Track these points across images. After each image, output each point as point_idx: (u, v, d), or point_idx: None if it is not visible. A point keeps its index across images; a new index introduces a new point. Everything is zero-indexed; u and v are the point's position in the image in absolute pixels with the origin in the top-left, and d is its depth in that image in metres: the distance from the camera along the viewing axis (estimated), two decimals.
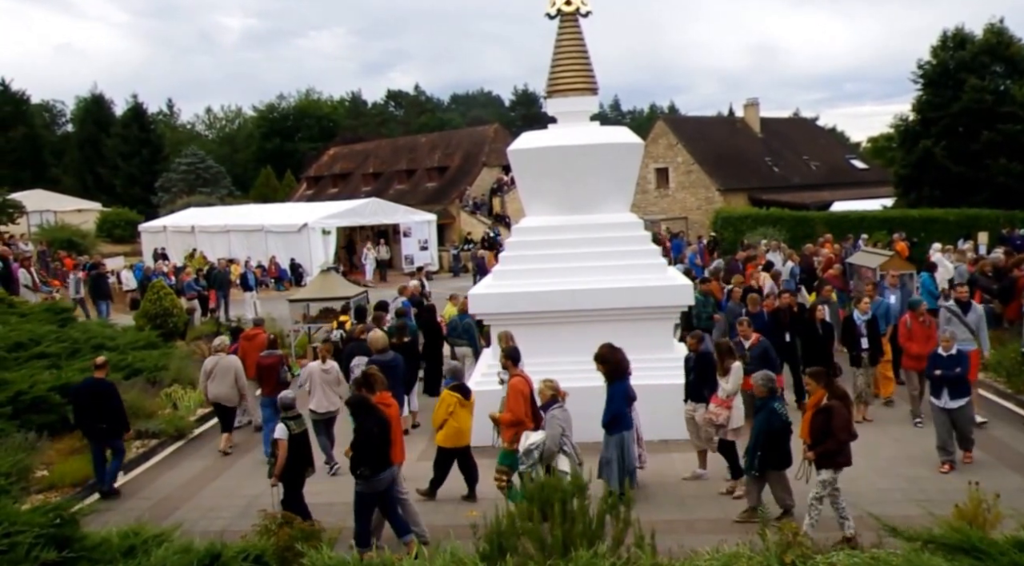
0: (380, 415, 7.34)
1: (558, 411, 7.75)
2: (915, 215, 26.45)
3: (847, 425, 7.28)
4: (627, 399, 8.41)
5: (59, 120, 68.57)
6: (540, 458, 7.45)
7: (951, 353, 8.87)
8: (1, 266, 18.65)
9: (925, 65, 29.26)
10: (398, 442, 7.64)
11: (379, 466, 7.17)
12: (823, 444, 7.24)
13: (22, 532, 4.19)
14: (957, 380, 8.75)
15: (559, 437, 7.51)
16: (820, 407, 7.41)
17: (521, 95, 73.37)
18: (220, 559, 5.16)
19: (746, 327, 10.19)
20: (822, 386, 7.48)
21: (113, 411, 9.41)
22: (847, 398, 7.65)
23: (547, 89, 11.49)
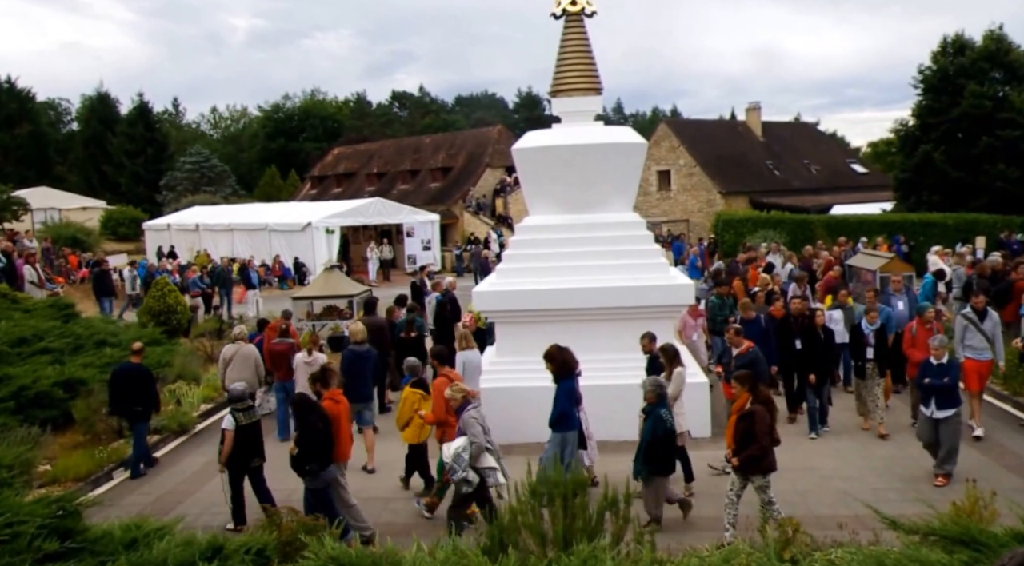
0: (323, 412, 7.46)
1: (473, 411, 7.73)
2: (914, 219, 26.58)
3: (769, 430, 7.29)
4: (573, 399, 8.37)
5: (64, 118, 68.69)
6: (470, 460, 7.51)
7: (941, 362, 8.59)
8: (5, 262, 18.70)
9: (925, 70, 29.42)
10: (344, 439, 7.72)
11: (326, 461, 7.30)
12: (746, 449, 7.23)
13: (24, 522, 4.23)
14: (945, 390, 8.48)
15: (481, 435, 7.55)
16: (743, 412, 7.43)
17: (525, 97, 73.42)
18: (222, 552, 5.18)
19: (734, 334, 9.78)
20: (747, 390, 7.50)
21: (148, 394, 10.09)
22: (771, 403, 7.64)
23: (552, 88, 11.54)
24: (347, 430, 7.82)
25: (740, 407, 7.52)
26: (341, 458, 7.66)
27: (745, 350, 9.54)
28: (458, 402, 7.85)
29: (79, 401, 11.30)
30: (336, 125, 64.27)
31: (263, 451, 8.27)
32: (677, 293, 10.78)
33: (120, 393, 9.92)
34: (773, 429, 7.43)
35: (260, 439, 8.20)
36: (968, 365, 10.01)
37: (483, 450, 7.54)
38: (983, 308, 10.15)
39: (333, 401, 7.68)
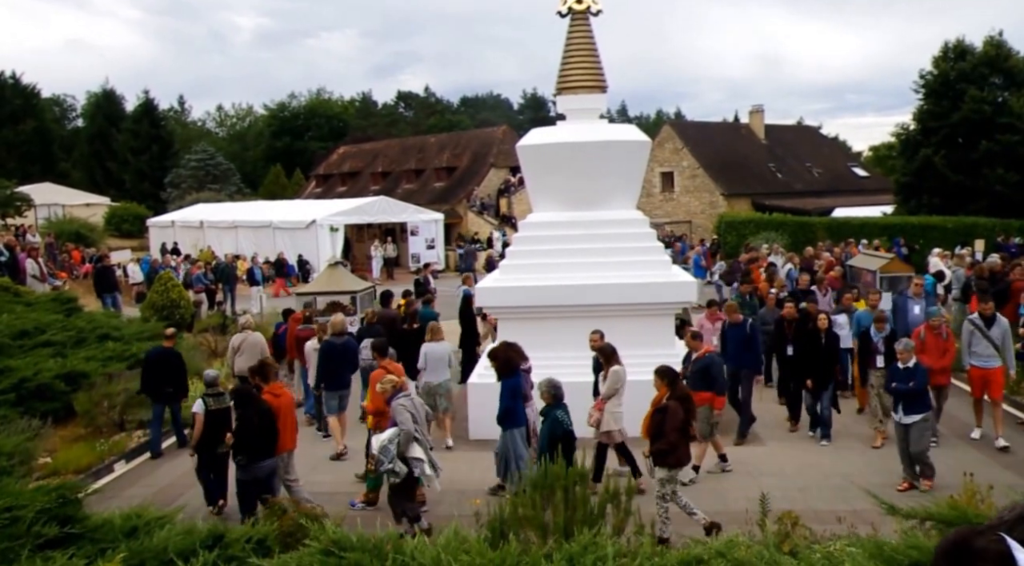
0: (262, 406, 7.54)
1: (403, 400, 7.73)
2: (914, 222, 26.73)
3: (680, 425, 7.35)
4: (518, 396, 8.39)
5: (69, 114, 68.85)
6: (398, 451, 7.54)
7: (908, 366, 8.37)
8: (8, 256, 18.77)
9: (926, 75, 29.65)
10: (287, 431, 7.83)
11: (258, 455, 7.38)
12: (656, 443, 7.32)
13: (24, 506, 4.23)
14: (911, 395, 8.29)
15: (410, 423, 7.55)
16: (659, 406, 7.51)
17: (530, 99, 73.51)
18: (223, 541, 5.18)
19: (691, 338, 9.38)
20: (665, 385, 7.57)
21: (178, 377, 10.52)
22: (688, 400, 7.70)
23: (557, 86, 11.55)
24: (290, 422, 7.95)
25: (658, 401, 7.64)
26: (284, 448, 7.82)
27: (702, 354, 9.17)
28: (388, 393, 7.90)
29: (80, 394, 11.31)
30: (341, 125, 64.34)
31: None
32: (679, 290, 10.79)
33: (152, 375, 10.34)
34: (688, 425, 7.54)
35: (229, 425, 8.34)
36: (973, 373, 9.74)
37: (411, 439, 7.52)
38: (992, 314, 9.76)
39: (273, 395, 7.80)
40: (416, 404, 7.86)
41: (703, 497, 8.40)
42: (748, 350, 10.16)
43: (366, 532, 3.52)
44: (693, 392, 8.78)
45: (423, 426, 7.79)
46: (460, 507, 7.95)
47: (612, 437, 8.61)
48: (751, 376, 10.26)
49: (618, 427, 8.65)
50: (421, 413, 7.84)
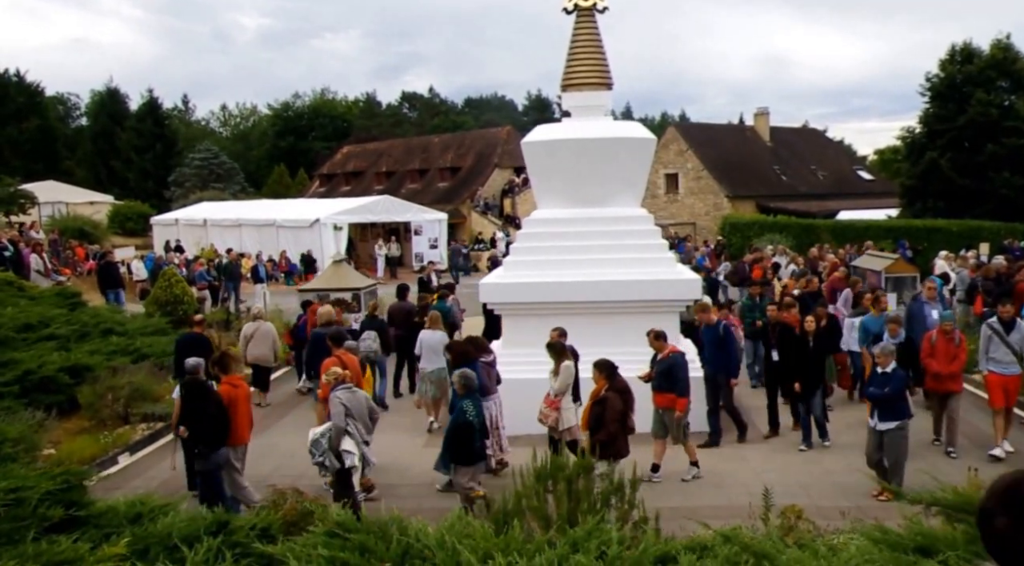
0: (214, 397, 7.63)
1: (340, 392, 7.84)
2: (919, 225, 26.66)
3: (618, 416, 7.41)
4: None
5: (73, 113, 68.98)
6: (329, 444, 7.65)
7: (886, 371, 8.12)
8: (12, 251, 18.81)
9: (933, 78, 29.57)
10: (244, 422, 7.88)
11: (215, 443, 7.50)
12: (595, 435, 7.38)
13: (31, 488, 4.23)
14: (886, 400, 8.05)
15: (342, 416, 7.66)
16: (597, 399, 7.58)
17: (534, 100, 73.54)
18: (227, 527, 5.17)
19: (654, 338, 9.05)
20: (604, 378, 7.62)
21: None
22: (627, 393, 7.72)
23: (562, 83, 11.55)
24: (245, 414, 7.98)
25: (596, 393, 7.70)
26: (238, 441, 7.85)
27: (666, 355, 8.94)
28: (331, 385, 8.01)
29: (85, 387, 11.34)
30: (345, 125, 64.41)
31: None
32: (683, 288, 10.77)
33: (184, 358, 10.51)
34: (627, 417, 7.59)
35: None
36: (991, 379, 9.27)
37: (342, 432, 7.62)
38: (1011, 319, 9.27)
39: (231, 386, 7.89)
40: (357, 398, 7.91)
41: (705, 493, 8.41)
42: (722, 352, 9.85)
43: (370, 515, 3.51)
44: (657, 393, 8.86)
45: (361, 420, 7.84)
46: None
47: (574, 432, 8.59)
48: (727, 380, 9.95)
49: (576, 422, 8.65)
50: (360, 407, 7.88)
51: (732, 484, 8.71)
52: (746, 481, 8.67)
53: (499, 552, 3.30)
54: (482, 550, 3.35)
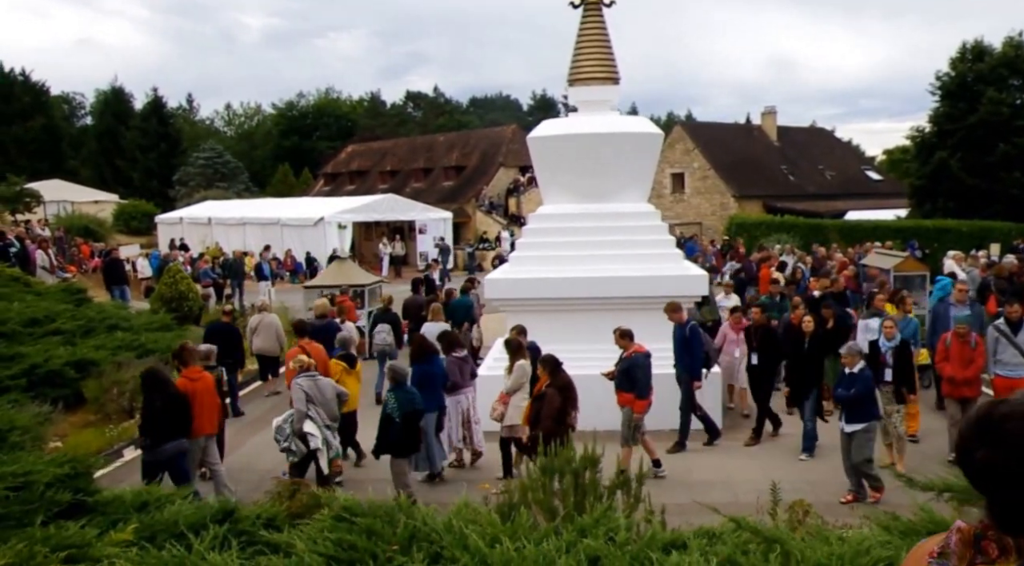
0: (168, 389, 7.63)
1: (302, 379, 8.02)
2: (928, 225, 26.46)
3: (555, 413, 7.43)
4: (428, 382, 8.62)
5: (78, 112, 69.19)
6: (292, 430, 7.85)
7: (853, 372, 7.93)
8: (18, 247, 18.86)
9: (943, 77, 29.30)
10: (205, 414, 7.93)
11: (161, 437, 7.49)
12: (533, 430, 7.44)
13: (40, 471, 4.23)
14: (850, 402, 7.86)
15: (303, 401, 7.85)
16: (537, 394, 7.63)
17: (539, 100, 73.49)
18: (233, 516, 5.16)
19: (619, 337, 8.89)
20: (547, 373, 7.66)
21: (237, 348, 11.57)
22: (569, 390, 7.73)
23: (569, 78, 11.52)
24: (207, 406, 8.05)
25: (538, 390, 7.73)
26: (197, 432, 7.91)
27: (629, 355, 8.77)
28: (294, 372, 8.18)
29: (90, 381, 11.36)
30: (350, 124, 64.47)
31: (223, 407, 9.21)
32: (690, 284, 10.73)
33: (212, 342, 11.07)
34: (566, 413, 7.62)
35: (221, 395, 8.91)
36: (998, 383, 8.92)
37: (304, 417, 7.82)
38: (1019, 319, 8.89)
39: (189, 380, 7.93)
40: (320, 385, 8.07)
41: (712, 490, 8.34)
42: (685, 352, 9.56)
43: (377, 499, 3.49)
44: (618, 392, 8.80)
45: (324, 406, 7.99)
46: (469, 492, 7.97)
47: (515, 431, 8.56)
48: (689, 380, 9.68)
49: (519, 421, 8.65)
50: (323, 394, 8.03)
51: (739, 481, 8.65)
52: (753, 478, 8.59)
53: (506, 537, 3.27)
54: (489, 536, 3.32)
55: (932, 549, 1.34)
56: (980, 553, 1.30)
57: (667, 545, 3.35)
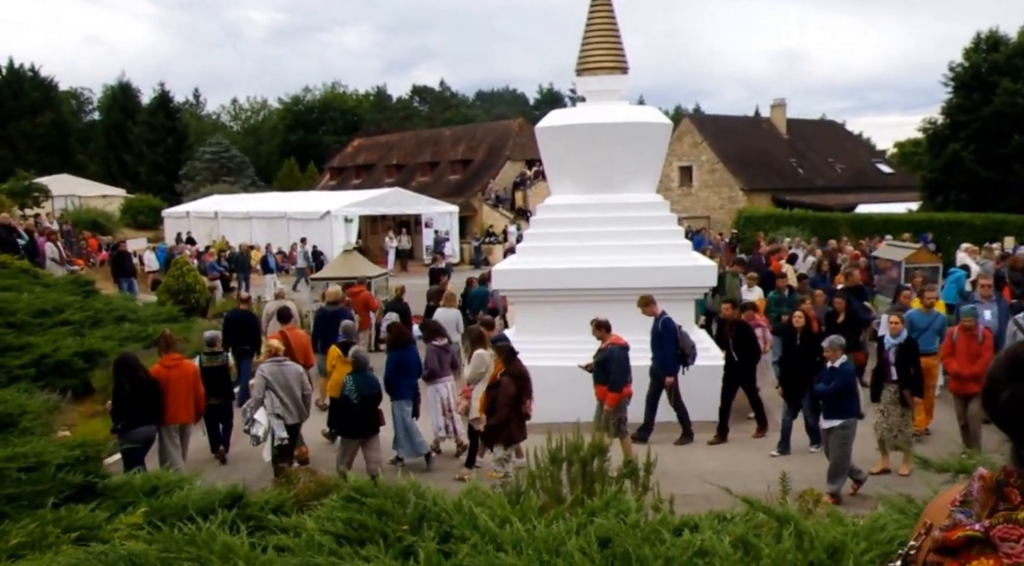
0: (137, 374, 7.74)
1: (266, 364, 8.28)
2: (941, 218, 26.13)
3: (509, 401, 7.44)
4: (403, 369, 8.83)
5: (86, 108, 69.40)
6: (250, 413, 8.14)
7: (833, 366, 7.74)
8: (27, 240, 18.93)
9: (957, 67, 28.92)
10: (180, 402, 8.05)
11: (132, 422, 7.60)
12: (489, 419, 7.49)
13: (52, 451, 4.24)
14: (829, 397, 7.66)
15: (260, 388, 8.13)
16: (492, 383, 7.67)
17: (546, 94, 73.30)
18: (242, 501, 5.16)
19: (595, 328, 8.80)
20: (502, 361, 7.72)
21: (254, 335, 11.64)
22: (524, 378, 7.76)
23: (577, 67, 11.45)
24: (183, 394, 8.13)
25: (493, 378, 7.77)
26: (172, 420, 8.03)
27: (605, 347, 8.67)
28: (264, 358, 8.43)
29: (98, 371, 11.38)
30: (356, 118, 64.42)
31: (229, 392, 9.60)
32: (698, 275, 10.68)
33: (231, 334, 11.35)
34: (521, 402, 7.64)
35: (227, 381, 9.24)
36: None
37: (258, 403, 8.10)
38: None
39: (164, 367, 8.05)
40: (284, 371, 8.25)
41: (722, 480, 8.23)
42: (657, 346, 9.39)
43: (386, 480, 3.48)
44: (596, 384, 8.78)
45: (287, 392, 8.17)
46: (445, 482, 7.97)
47: (480, 423, 8.49)
48: (660, 375, 9.49)
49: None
50: (287, 380, 8.21)
51: (749, 473, 8.59)
52: (763, 469, 8.53)
53: (516, 518, 3.25)
54: (499, 517, 3.30)
55: (955, 497, 1.33)
56: (1002, 499, 1.28)
57: (678, 528, 3.32)
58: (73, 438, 9.53)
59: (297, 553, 2.80)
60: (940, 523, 1.27)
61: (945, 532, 1.25)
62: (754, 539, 2.78)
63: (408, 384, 8.87)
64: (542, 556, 2.81)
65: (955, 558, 1.22)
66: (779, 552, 2.57)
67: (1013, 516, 1.24)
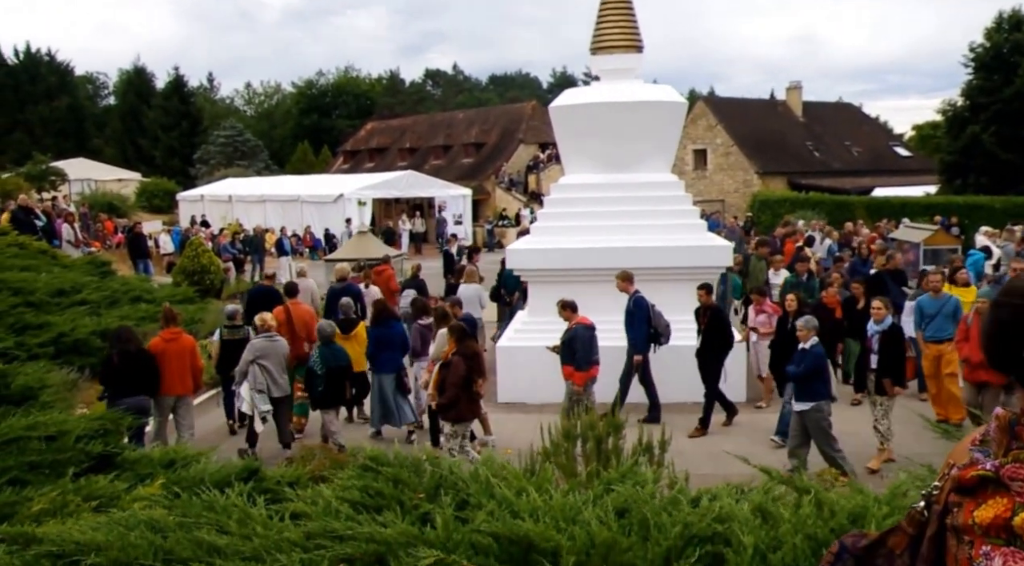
0: (128, 347, 7.93)
1: (257, 339, 8.55)
2: (959, 202, 25.82)
3: (459, 380, 7.52)
4: (385, 344, 8.94)
5: (102, 92, 69.76)
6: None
7: (804, 347, 7.60)
8: (45, 221, 19.10)
9: (977, 48, 28.44)
10: (175, 375, 8.22)
11: (118, 392, 7.80)
12: (440, 397, 7.63)
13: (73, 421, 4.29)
14: (798, 379, 7.55)
15: (246, 362, 8.36)
16: (443, 361, 7.76)
17: (560, 77, 72.85)
18: (258, 474, 5.20)
19: (561, 308, 8.82)
20: (453, 340, 7.81)
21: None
22: (475, 357, 7.87)
23: (591, 47, 11.34)
24: (179, 367, 8.27)
25: (444, 357, 7.84)
26: (167, 391, 8.23)
27: (571, 326, 8.67)
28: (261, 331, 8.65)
29: None
30: (369, 102, 64.35)
31: None
32: (713, 254, 10.61)
33: (255, 309, 11.62)
34: (472, 381, 7.73)
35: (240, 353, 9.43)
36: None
37: (243, 376, 8.36)
38: None
39: (163, 340, 8.28)
40: (274, 346, 8.48)
41: (737, 462, 8.26)
42: (628, 326, 9.31)
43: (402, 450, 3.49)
44: (562, 364, 8.79)
45: (277, 366, 8.39)
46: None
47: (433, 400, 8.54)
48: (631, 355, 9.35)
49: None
50: (276, 354, 8.45)
51: (765, 454, 8.55)
52: (777, 452, 8.52)
53: (533, 488, 3.25)
54: (515, 487, 3.29)
55: (975, 437, 1.33)
56: (1015, 438, 1.29)
57: (695, 499, 3.30)
58: (92, 414, 9.73)
59: (315, 518, 2.81)
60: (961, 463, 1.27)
61: (961, 471, 1.25)
62: (773, 507, 2.76)
63: (389, 358, 8.97)
64: (559, 523, 2.80)
65: (972, 497, 1.23)
66: (800, 517, 2.55)
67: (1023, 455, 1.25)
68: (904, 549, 1.27)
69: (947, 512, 1.24)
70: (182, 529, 2.94)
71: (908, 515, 1.30)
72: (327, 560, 2.57)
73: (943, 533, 1.23)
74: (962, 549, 1.20)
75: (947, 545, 1.23)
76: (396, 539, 2.59)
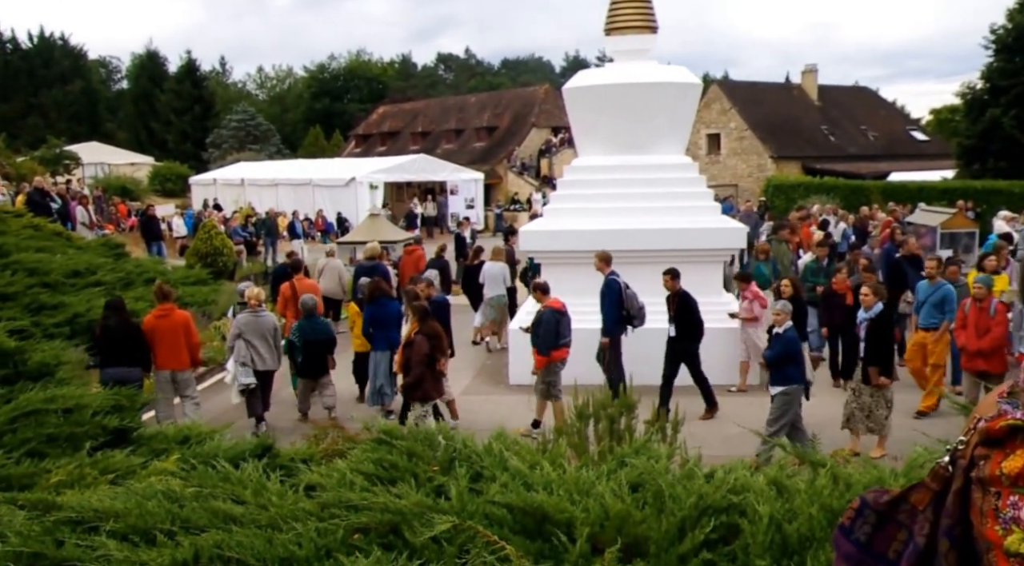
0: (108, 321, 8.15)
1: (243, 314, 8.81)
2: (977, 186, 25.48)
3: (423, 359, 7.62)
4: (379, 322, 9.10)
5: (115, 76, 69.98)
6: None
7: (778, 332, 7.58)
8: (60, 204, 19.25)
9: (998, 30, 27.94)
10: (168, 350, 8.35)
11: (106, 360, 8.02)
12: (404, 377, 7.75)
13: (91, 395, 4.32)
14: (773, 363, 7.53)
15: (232, 337, 8.70)
16: (406, 341, 7.85)
17: (572, 61, 72.40)
18: (272, 450, 5.23)
19: (533, 290, 8.88)
20: (416, 320, 7.89)
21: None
22: (438, 338, 7.92)
23: (605, 27, 11.24)
24: (172, 342, 8.38)
25: (408, 336, 7.91)
26: (162, 366, 8.41)
27: (543, 308, 8.64)
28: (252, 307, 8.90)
29: None
30: (381, 86, 64.23)
31: None
32: (728, 236, 10.54)
33: (278, 284, 12.12)
34: (436, 361, 7.81)
35: None
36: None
37: (229, 351, 8.69)
38: None
39: (155, 316, 8.46)
40: (259, 321, 8.74)
41: (749, 443, 8.25)
42: (601, 306, 9.21)
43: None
44: (532, 346, 8.79)
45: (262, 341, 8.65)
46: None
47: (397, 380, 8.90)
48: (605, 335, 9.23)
49: None
50: (261, 329, 8.68)
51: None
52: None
53: (547, 462, 3.25)
54: (528, 461, 3.29)
55: (1003, 390, 1.30)
56: None
57: (709, 474, 3.29)
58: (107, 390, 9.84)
59: (329, 490, 2.82)
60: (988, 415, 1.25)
61: (989, 423, 1.23)
62: (788, 481, 2.75)
63: (384, 337, 9.06)
64: (572, 496, 2.80)
65: (1000, 448, 1.21)
66: (816, 489, 2.54)
67: None
68: (927, 504, 1.26)
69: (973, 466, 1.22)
70: (198, 499, 2.96)
71: (932, 471, 1.28)
72: (342, 529, 2.58)
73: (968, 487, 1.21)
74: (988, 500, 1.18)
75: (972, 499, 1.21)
76: (411, 509, 2.60)
